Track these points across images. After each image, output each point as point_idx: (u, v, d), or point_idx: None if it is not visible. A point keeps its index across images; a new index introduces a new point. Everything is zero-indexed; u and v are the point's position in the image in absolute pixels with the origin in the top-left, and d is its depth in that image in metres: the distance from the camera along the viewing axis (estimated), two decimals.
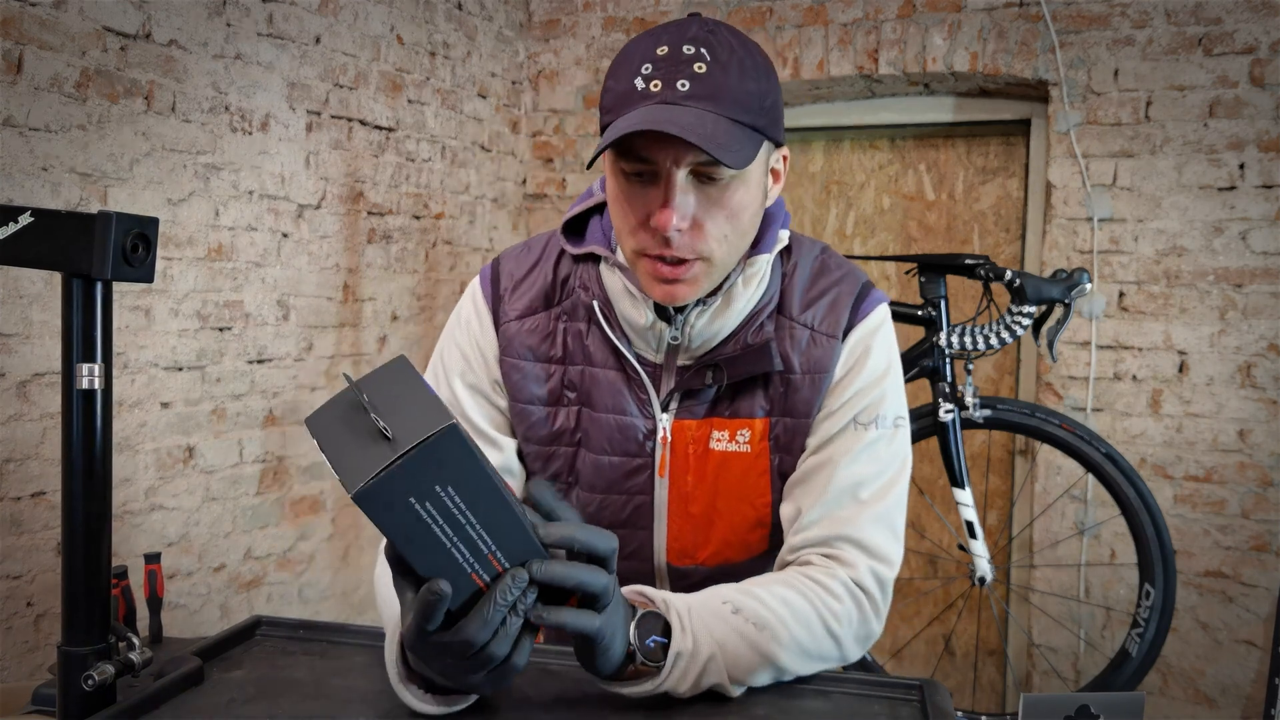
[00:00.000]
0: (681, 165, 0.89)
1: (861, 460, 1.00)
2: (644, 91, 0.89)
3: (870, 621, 0.99)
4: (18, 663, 1.85)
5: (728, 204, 0.92)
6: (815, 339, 1.02)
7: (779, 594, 0.93)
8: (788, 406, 1.03)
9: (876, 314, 1.04)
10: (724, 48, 0.90)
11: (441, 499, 0.69)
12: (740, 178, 0.92)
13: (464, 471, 0.69)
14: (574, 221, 1.08)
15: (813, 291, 1.04)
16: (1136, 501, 2.23)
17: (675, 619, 0.86)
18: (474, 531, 0.72)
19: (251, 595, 2.40)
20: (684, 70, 0.88)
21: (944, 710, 0.88)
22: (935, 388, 2.30)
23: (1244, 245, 2.56)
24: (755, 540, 1.09)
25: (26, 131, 1.82)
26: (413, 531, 0.69)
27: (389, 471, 0.66)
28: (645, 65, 0.90)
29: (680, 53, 0.89)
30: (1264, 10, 2.50)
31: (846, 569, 0.98)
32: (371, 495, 0.66)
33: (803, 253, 1.07)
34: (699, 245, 0.92)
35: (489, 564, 0.74)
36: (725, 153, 0.85)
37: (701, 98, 0.88)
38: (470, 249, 3.12)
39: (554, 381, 1.07)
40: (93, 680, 0.87)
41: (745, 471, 1.05)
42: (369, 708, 0.89)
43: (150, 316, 2.10)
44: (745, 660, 0.89)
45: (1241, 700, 2.60)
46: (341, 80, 2.57)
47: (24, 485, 1.86)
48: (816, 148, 3.30)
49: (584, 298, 1.05)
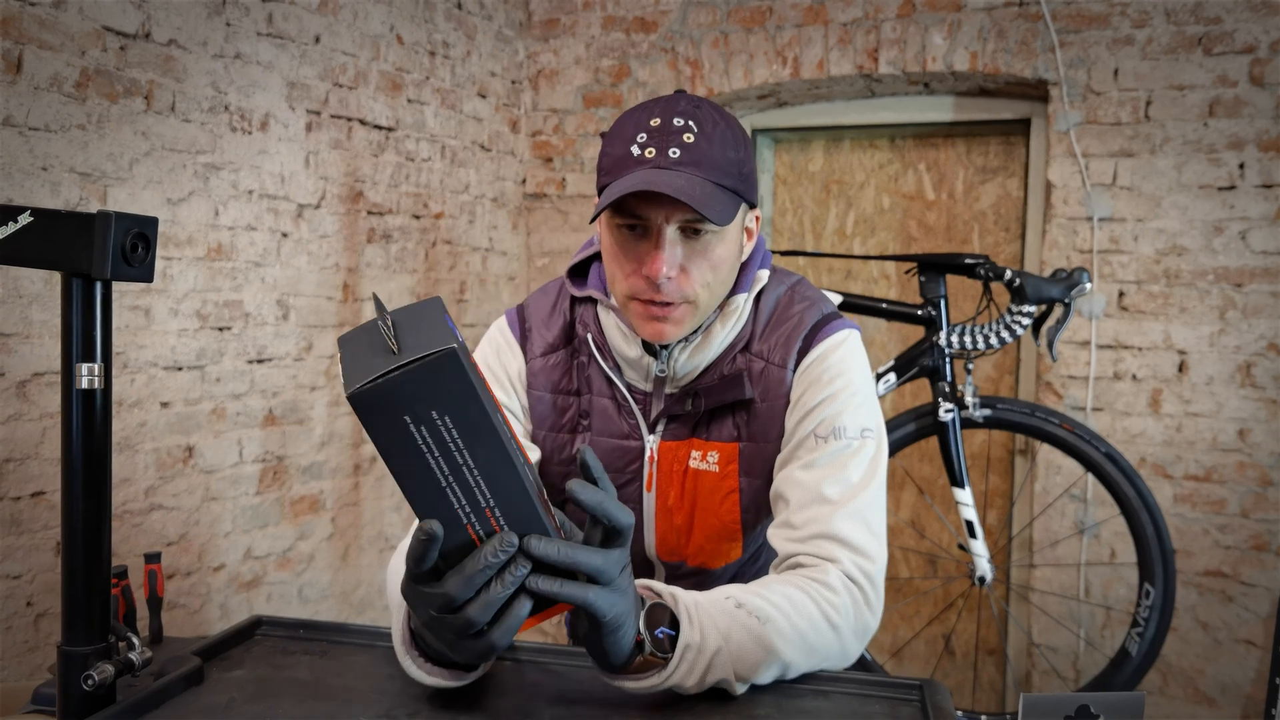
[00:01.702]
0: (672, 221, 1.02)
1: (821, 466, 1.07)
2: (639, 158, 1.02)
3: (865, 614, 1.01)
4: (17, 662, 1.85)
5: (710, 256, 1.05)
6: (768, 370, 1.13)
7: (779, 590, 0.97)
8: (751, 432, 1.14)
9: (832, 340, 1.12)
10: (709, 121, 1.03)
11: (438, 428, 0.69)
12: (720, 234, 1.05)
13: (462, 404, 0.69)
14: (578, 266, 1.22)
15: (771, 326, 1.15)
16: (1136, 501, 2.23)
17: (683, 611, 0.88)
18: (471, 477, 0.72)
19: (251, 595, 2.40)
20: (675, 139, 1.01)
21: (944, 710, 0.88)
22: (935, 387, 2.30)
23: (1244, 245, 2.56)
24: (729, 550, 1.20)
25: (26, 131, 1.82)
26: (408, 458, 0.70)
27: (384, 379, 0.66)
28: (640, 134, 1.03)
29: (671, 124, 1.02)
30: (1264, 10, 2.50)
31: (833, 564, 1.01)
32: (365, 400, 0.67)
33: (772, 290, 1.17)
34: (685, 290, 1.05)
35: (486, 520, 0.74)
36: (711, 211, 0.98)
37: (689, 164, 1.01)
38: (470, 248, 3.12)
39: (572, 412, 1.19)
40: (93, 680, 0.87)
41: (714, 489, 1.16)
42: (369, 707, 0.89)
43: (150, 316, 2.10)
44: (750, 654, 0.90)
45: (1241, 700, 2.60)
46: (341, 80, 2.57)
47: (24, 485, 1.86)
48: (816, 147, 3.30)
49: (582, 333, 1.19)
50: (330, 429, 2.62)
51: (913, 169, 3.15)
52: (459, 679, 0.90)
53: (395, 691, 0.93)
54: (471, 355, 0.74)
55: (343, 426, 2.67)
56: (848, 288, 3.23)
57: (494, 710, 0.89)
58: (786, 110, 3.25)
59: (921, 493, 3.01)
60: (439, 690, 0.92)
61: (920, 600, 3.19)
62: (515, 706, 0.90)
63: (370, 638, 1.06)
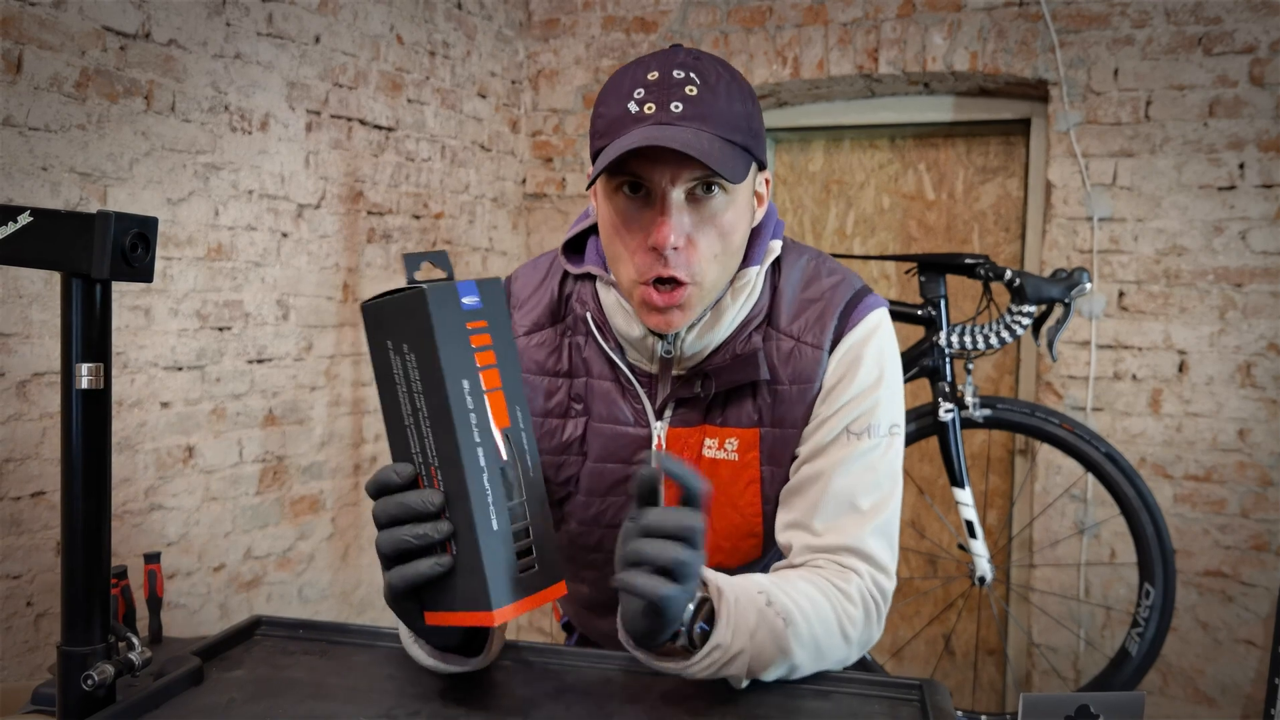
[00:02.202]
0: (678, 184, 0.92)
1: (856, 470, 1.01)
2: (638, 114, 0.92)
3: (873, 628, 1.01)
4: (17, 662, 1.85)
5: (720, 223, 0.96)
6: (799, 350, 1.04)
7: (805, 590, 0.94)
8: (776, 417, 1.04)
9: (869, 321, 1.04)
10: (712, 72, 0.94)
11: (406, 364, 0.78)
12: (730, 198, 0.96)
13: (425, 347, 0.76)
14: (574, 239, 1.12)
15: (800, 302, 1.06)
16: (1136, 501, 2.23)
17: (723, 610, 0.85)
18: (425, 426, 0.78)
19: (251, 595, 2.40)
20: (676, 93, 0.92)
21: (944, 710, 0.88)
22: (935, 387, 2.30)
23: (1244, 245, 2.56)
24: (748, 548, 1.11)
25: (26, 131, 1.82)
26: (386, 382, 0.80)
27: (378, 301, 0.78)
28: (638, 90, 0.93)
29: (671, 76, 0.93)
30: (1264, 10, 2.50)
31: (855, 575, 0.99)
32: (364, 314, 0.81)
33: (793, 262, 1.08)
34: (693, 264, 0.95)
35: (430, 475, 0.79)
36: (724, 167, 0.89)
37: (695, 118, 0.91)
38: (470, 248, 3.12)
39: (560, 395, 1.10)
40: (92, 680, 0.87)
41: (732, 479, 1.06)
42: (369, 707, 0.89)
43: (150, 316, 2.10)
44: (767, 654, 0.89)
45: (1241, 700, 2.60)
46: (341, 80, 2.57)
47: (24, 485, 1.86)
48: (816, 147, 3.30)
49: (580, 311, 1.09)
50: (330, 429, 2.62)
51: (913, 169, 3.15)
52: (463, 664, 0.91)
53: (395, 691, 0.93)
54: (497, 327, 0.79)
55: (343, 427, 2.67)
56: None
57: (494, 709, 0.89)
58: (786, 110, 3.25)
59: (921, 493, 3.01)
60: (439, 689, 0.92)
61: (920, 600, 3.19)
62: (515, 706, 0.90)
63: (370, 638, 1.06)
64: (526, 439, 0.81)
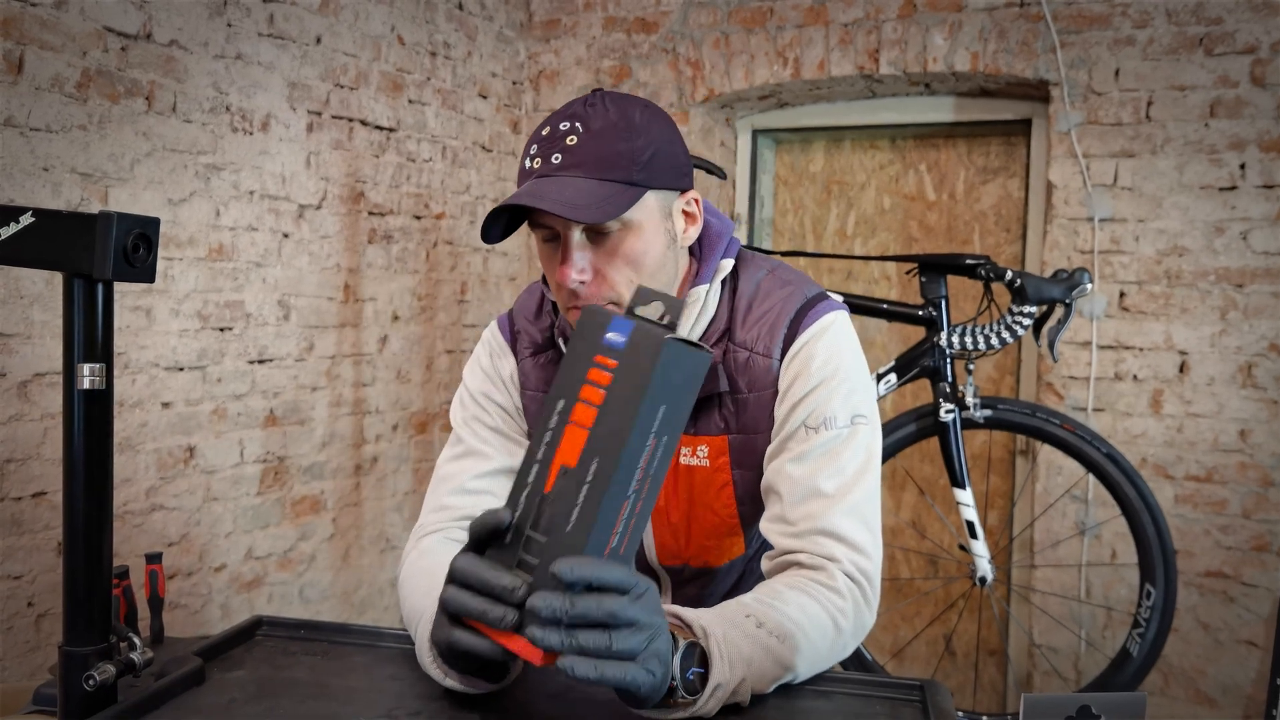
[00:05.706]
0: (572, 227, 1.01)
1: (815, 459, 1.05)
2: (529, 169, 1.02)
3: (864, 614, 1.01)
4: (19, 662, 1.85)
5: (624, 253, 1.02)
6: (753, 360, 1.10)
7: (795, 601, 0.95)
8: (741, 424, 1.12)
9: (820, 324, 1.09)
10: (598, 117, 1.01)
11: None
12: (630, 228, 1.02)
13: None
14: None
15: (753, 314, 1.12)
16: (1137, 501, 2.22)
17: (715, 649, 0.85)
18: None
19: (252, 595, 2.41)
20: (558, 145, 1.00)
21: (945, 710, 0.88)
22: (936, 388, 2.30)
23: (1245, 245, 2.56)
24: (731, 545, 1.19)
25: (27, 131, 1.82)
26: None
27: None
28: (533, 145, 1.02)
29: (557, 129, 1.01)
30: (1265, 10, 2.50)
31: (834, 563, 1.01)
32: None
33: (750, 276, 1.14)
34: (605, 293, 1.03)
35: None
36: (580, 212, 0.96)
37: (571, 166, 0.99)
38: (471, 249, 3.12)
39: None
40: (94, 680, 0.87)
41: (707, 483, 1.14)
42: (369, 708, 0.89)
43: (151, 316, 2.10)
44: (769, 674, 0.90)
45: (1242, 700, 2.60)
46: (342, 80, 2.57)
47: (25, 485, 1.86)
48: (817, 148, 3.30)
49: (560, 337, 1.17)
50: (331, 429, 2.62)
51: (913, 169, 3.15)
52: (487, 687, 0.89)
53: (395, 692, 0.93)
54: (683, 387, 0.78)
55: (344, 427, 2.67)
56: (849, 288, 3.23)
57: (494, 710, 0.89)
58: (787, 111, 3.25)
59: (922, 493, 3.01)
60: (440, 690, 0.92)
61: (921, 601, 3.19)
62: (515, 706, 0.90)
63: (371, 638, 1.06)
64: None
